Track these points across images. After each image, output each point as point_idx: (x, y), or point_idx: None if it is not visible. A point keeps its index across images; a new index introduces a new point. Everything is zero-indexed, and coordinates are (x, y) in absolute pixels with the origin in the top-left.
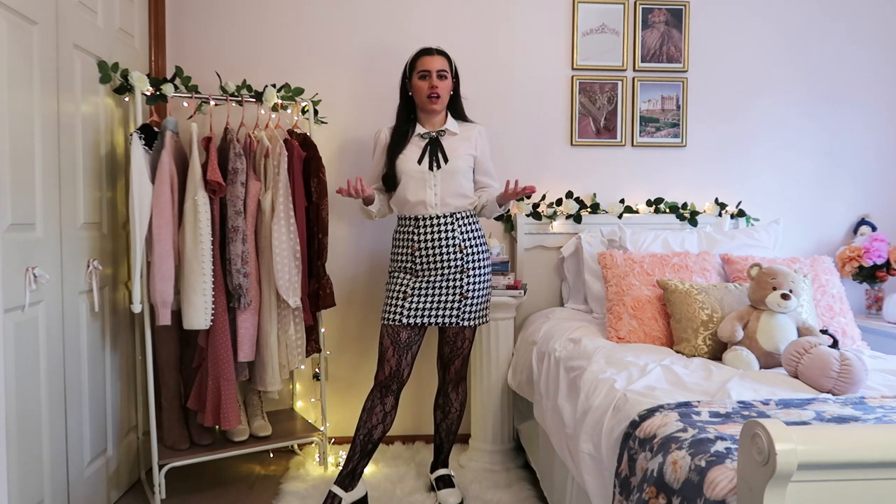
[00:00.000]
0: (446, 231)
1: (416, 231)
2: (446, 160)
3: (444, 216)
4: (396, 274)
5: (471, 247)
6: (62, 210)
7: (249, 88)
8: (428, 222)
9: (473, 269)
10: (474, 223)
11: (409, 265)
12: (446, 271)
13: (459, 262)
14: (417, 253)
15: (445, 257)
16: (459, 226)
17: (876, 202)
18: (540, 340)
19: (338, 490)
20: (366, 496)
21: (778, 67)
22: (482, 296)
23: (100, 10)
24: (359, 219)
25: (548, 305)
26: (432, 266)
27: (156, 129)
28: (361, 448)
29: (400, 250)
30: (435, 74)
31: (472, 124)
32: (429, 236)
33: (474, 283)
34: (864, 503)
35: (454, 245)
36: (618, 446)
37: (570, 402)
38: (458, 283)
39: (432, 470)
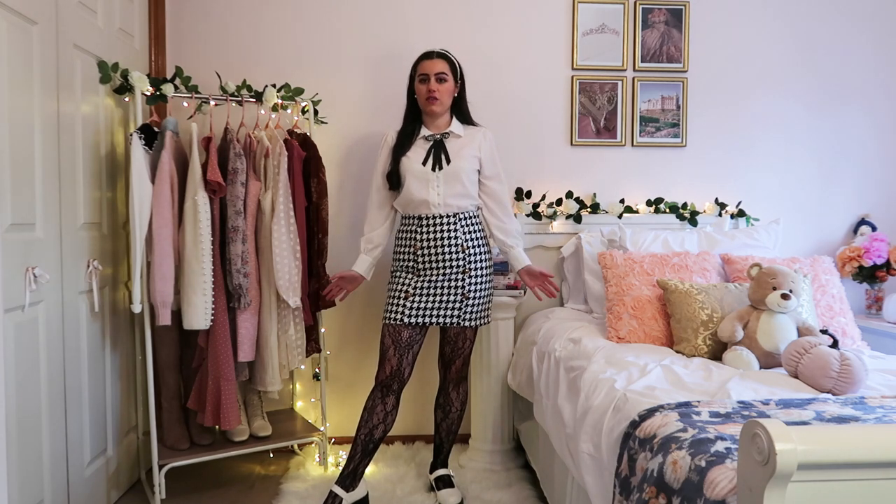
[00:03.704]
0: (449, 230)
1: (418, 230)
2: (448, 161)
3: (447, 216)
4: (398, 273)
5: (473, 247)
6: (62, 210)
7: (249, 88)
8: (430, 221)
9: (475, 269)
10: (476, 224)
11: (410, 264)
12: (448, 271)
13: (461, 262)
14: (420, 252)
15: (447, 257)
16: (462, 226)
17: (876, 202)
18: (540, 340)
19: (339, 490)
20: (367, 496)
21: (778, 67)
22: (484, 296)
23: (100, 10)
24: (359, 219)
25: (548, 305)
26: (434, 265)
27: (156, 129)
28: (363, 448)
29: (402, 249)
30: (433, 78)
31: (477, 127)
32: (431, 235)
33: (476, 283)
34: (864, 503)
35: (456, 245)
36: (618, 446)
37: (570, 402)
38: (459, 283)
39: (432, 470)
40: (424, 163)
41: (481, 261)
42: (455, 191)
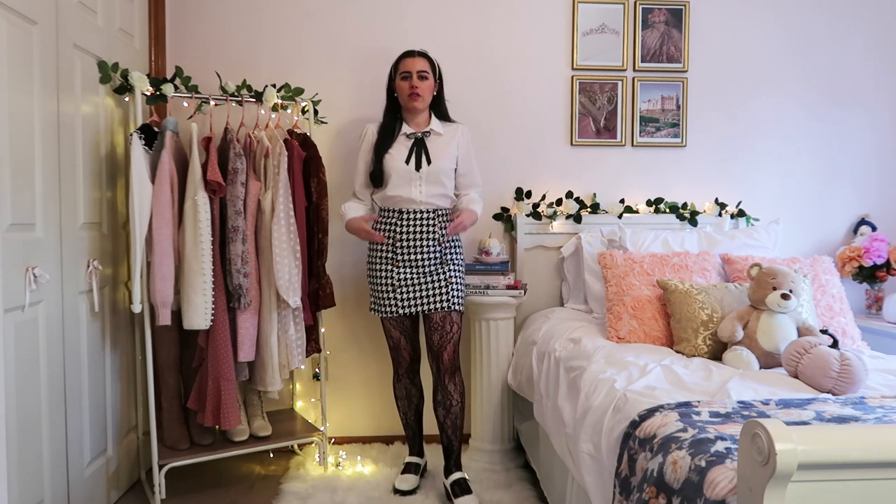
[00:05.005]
0: (428, 225)
1: (398, 223)
2: (429, 161)
3: (427, 211)
4: (379, 265)
5: (448, 241)
6: (62, 210)
7: (249, 88)
8: (410, 216)
9: (452, 261)
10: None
11: (389, 255)
12: (426, 262)
13: (438, 255)
14: (398, 244)
15: (425, 250)
16: (439, 222)
17: (876, 202)
18: (540, 340)
19: (415, 459)
20: (426, 463)
21: (778, 67)
22: (462, 281)
23: (100, 10)
24: None
25: (548, 305)
26: (412, 258)
27: (156, 129)
28: (416, 423)
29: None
30: (416, 75)
31: (455, 124)
32: (410, 229)
33: (454, 270)
34: (864, 503)
35: (433, 239)
36: (618, 446)
37: (570, 402)
38: (440, 272)
39: (446, 474)
40: (407, 161)
41: (456, 253)
42: (436, 190)
